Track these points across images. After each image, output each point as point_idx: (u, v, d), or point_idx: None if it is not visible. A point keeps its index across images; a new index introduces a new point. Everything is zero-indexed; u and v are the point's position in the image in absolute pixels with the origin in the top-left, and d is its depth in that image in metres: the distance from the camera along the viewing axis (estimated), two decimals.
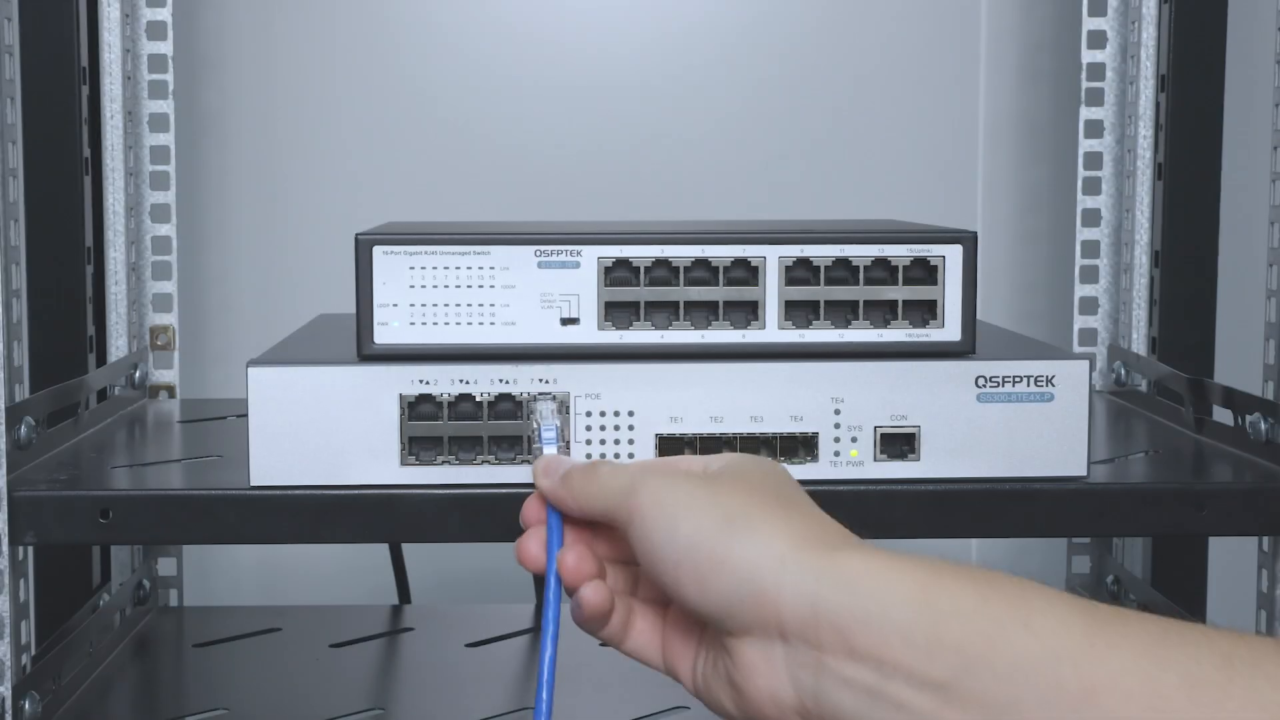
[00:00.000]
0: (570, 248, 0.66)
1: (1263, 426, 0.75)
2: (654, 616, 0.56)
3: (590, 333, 0.66)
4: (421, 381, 0.65)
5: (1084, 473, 0.68)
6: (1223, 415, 0.81)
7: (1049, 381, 0.67)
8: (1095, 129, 1.04)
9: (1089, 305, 1.05)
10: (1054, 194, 1.17)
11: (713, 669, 0.53)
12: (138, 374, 0.97)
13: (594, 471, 0.55)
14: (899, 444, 0.67)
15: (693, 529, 0.50)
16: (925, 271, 0.67)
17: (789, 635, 0.48)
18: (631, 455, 0.66)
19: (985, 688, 0.44)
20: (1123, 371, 1.00)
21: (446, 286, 0.66)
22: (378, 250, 0.66)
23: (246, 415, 0.65)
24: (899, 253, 0.67)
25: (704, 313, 0.67)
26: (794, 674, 0.48)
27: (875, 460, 0.67)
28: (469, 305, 0.66)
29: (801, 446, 0.67)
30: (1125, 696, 0.41)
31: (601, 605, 0.55)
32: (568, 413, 0.66)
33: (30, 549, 0.77)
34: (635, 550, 0.53)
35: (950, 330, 0.67)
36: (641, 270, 0.66)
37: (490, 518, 0.66)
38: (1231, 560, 0.92)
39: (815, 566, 0.48)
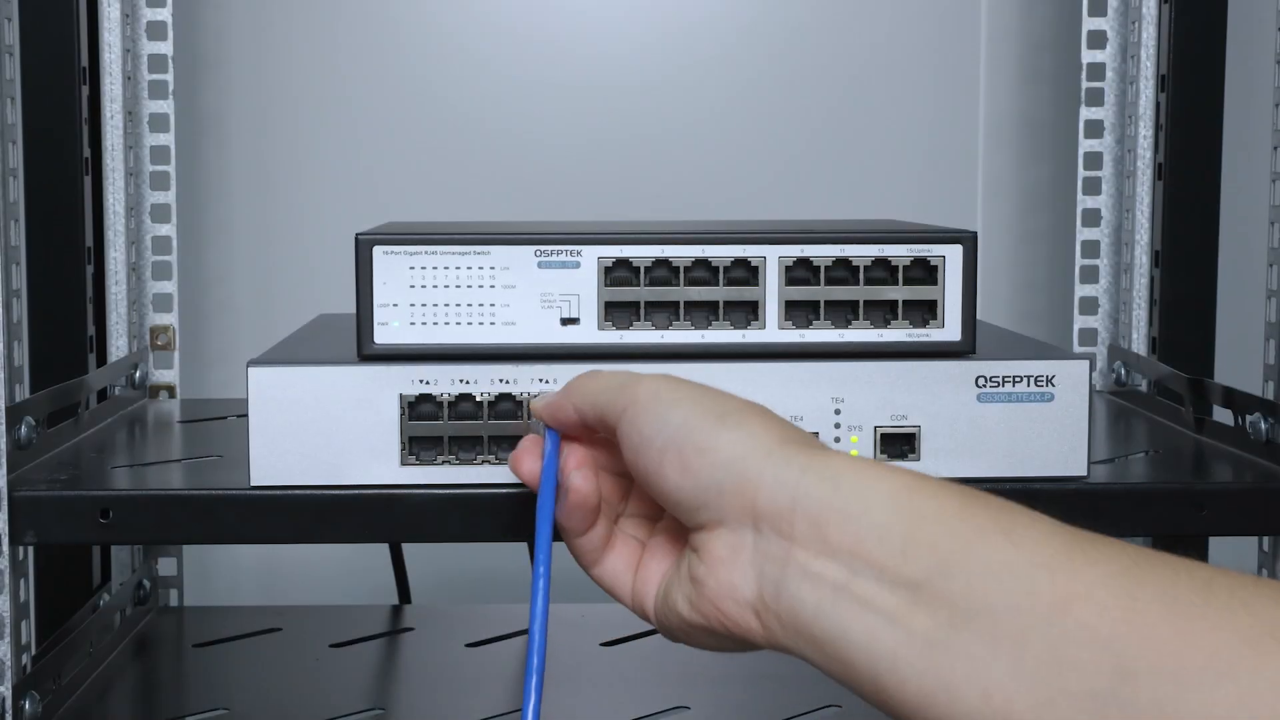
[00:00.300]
0: (570, 248, 0.66)
1: (1263, 426, 0.75)
2: (634, 546, 0.57)
3: (590, 333, 0.66)
4: (421, 381, 0.65)
5: (1084, 473, 0.68)
6: (1223, 415, 0.81)
7: (1049, 381, 0.67)
8: (1095, 129, 1.04)
9: (1089, 305, 1.05)
10: (1054, 194, 1.17)
11: (675, 574, 0.53)
12: (138, 374, 0.97)
13: (595, 371, 0.57)
14: (899, 444, 0.67)
15: (684, 417, 0.51)
16: (925, 271, 0.67)
17: (762, 525, 0.48)
18: None
19: (957, 589, 0.43)
20: (1123, 371, 1.00)
21: (446, 286, 0.66)
22: (378, 250, 0.66)
23: (246, 415, 0.65)
24: (899, 253, 0.67)
25: (704, 313, 0.67)
26: (760, 566, 0.48)
27: (876, 460, 0.67)
28: (469, 305, 0.66)
29: None
30: (1099, 608, 0.41)
31: (589, 495, 0.55)
32: None
33: (30, 549, 0.77)
34: (624, 445, 0.53)
35: (950, 330, 0.67)
36: (641, 270, 0.66)
37: (490, 518, 0.66)
38: (1231, 560, 0.92)
39: (799, 461, 0.48)
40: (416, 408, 0.65)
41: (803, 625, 0.47)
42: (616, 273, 0.66)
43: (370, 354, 0.66)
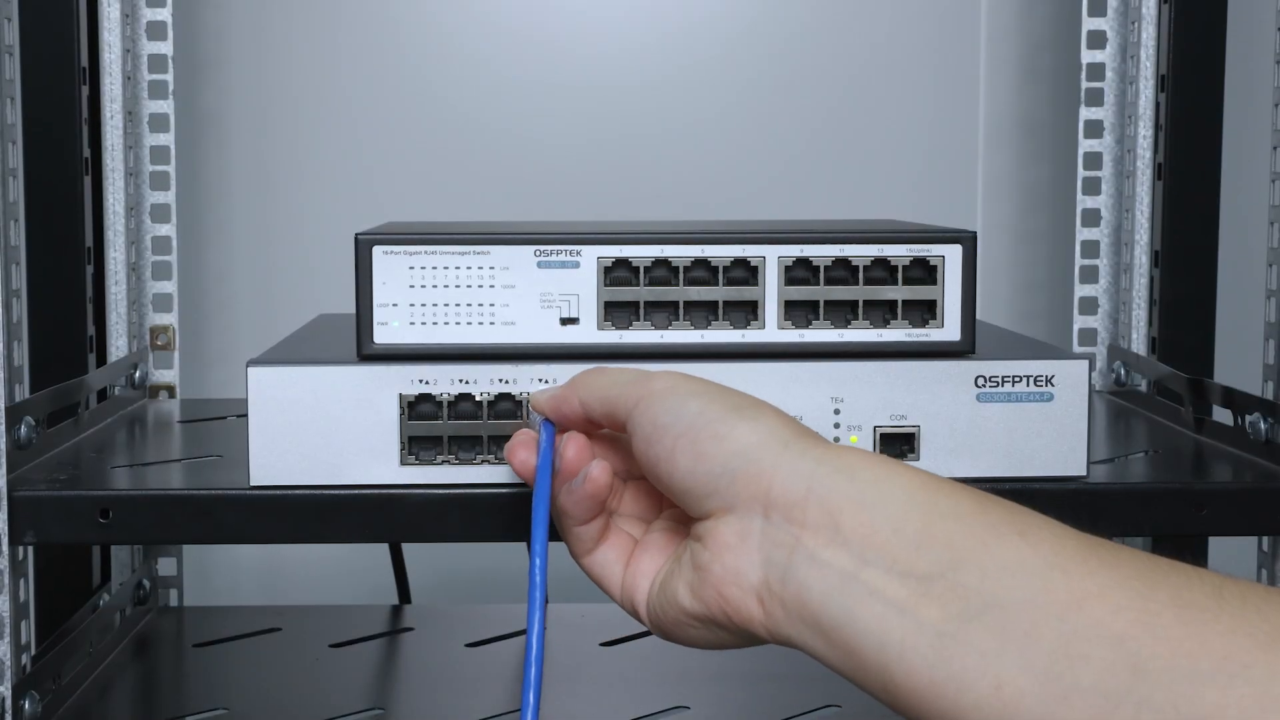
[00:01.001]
0: (570, 248, 0.66)
1: (1262, 426, 0.75)
2: (626, 540, 0.57)
3: (590, 333, 0.66)
4: (421, 381, 0.65)
5: (1084, 473, 0.68)
6: (1223, 415, 0.81)
7: (1049, 381, 0.67)
8: (1095, 129, 1.04)
9: (1089, 305, 1.05)
10: (1054, 194, 1.17)
11: (676, 565, 0.53)
12: (138, 374, 0.97)
13: (602, 368, 0.58)
14: (899, 444, 0.67)
15: (701, 406, 0.52)
16: (925, 271, 0.67)
17: (772, 513, 0.48)
18: None
19: (970, 583, 0.43)
20: (1123, 371, 1.00)
21: (446, 286, 0.66)
22: (378, 250, 0.66)
23: (246, 415, 0.65)
24: (899, 253, 0.67)
25: (704, 313, 0.67)
26: (767, 552, 0.48)
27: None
28: (469, 305, 0.66)
29: None
30: (1114, 608, 0.41)
31: (603, 486, 0.55)
32: None
33: (30, 549, 0.77)
34: (635, 436, 0.53)
35: (950, 330, 0.67)
36: (641, 270, 0.66)
37: (490, 518, 0.66)
38: (1231, 560, 0.92)
39: (816, 454, 0.49)
40: (416, 407, 0.65)
41: (808, 612, 0.47)
42: (616, 273, 0.66)
43: (370, 354, 0.66)
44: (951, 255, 0.67)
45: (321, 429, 0.65)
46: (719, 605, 0.50)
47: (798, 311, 0.67)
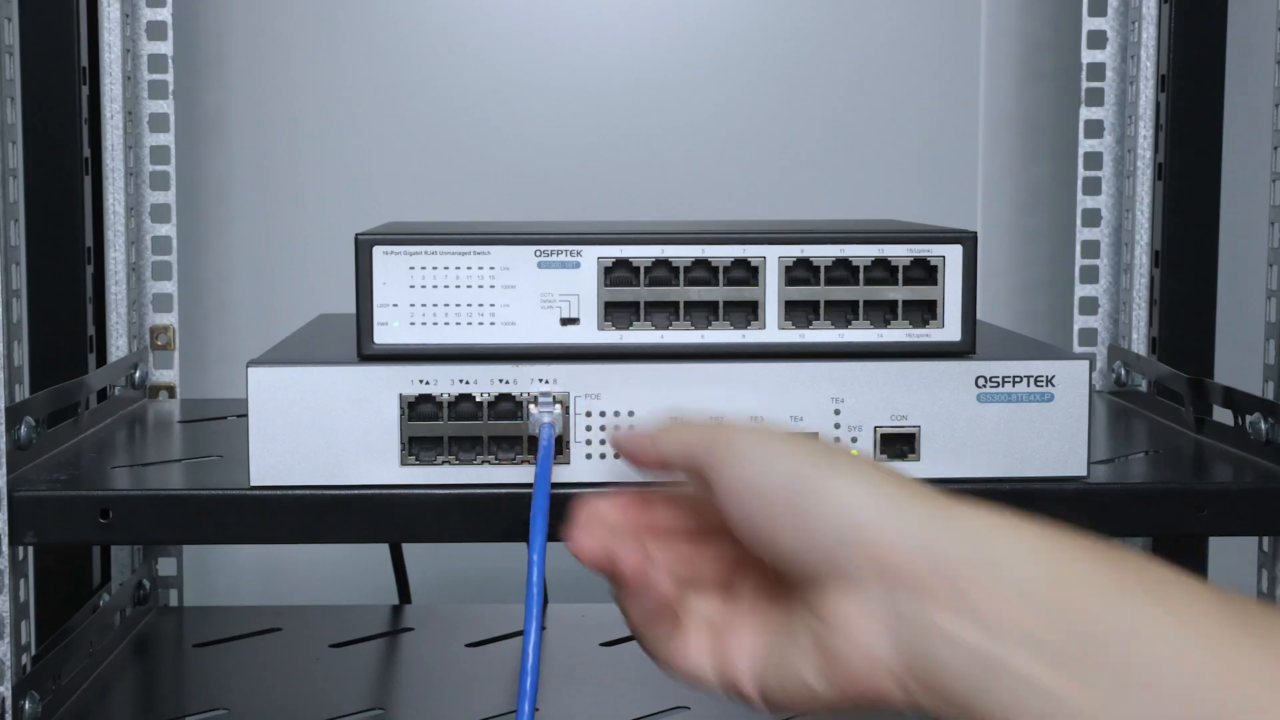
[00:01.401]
0: (570, 248, 0.66)
1: (1263, 426, 0.75)
2: (705, 624, 0.53)
3: (590, 333, 0.66)
4: (421, 381, 0.65)
5: (1084, 473, 0.68)
6: (1223, 415, 0.81)
7: (1049, 381, 0.67)
8: (1095, 129, 1.04)
9: (1089, 305, 1.05)
10: (1054, 194, 1.17)
11: (791, 642, 0.49)
12: (138, 374, 0.97)
13: (682, 420, 0.54)
14: (899, 444, 0.67)
15: (792, 462, 0.48)
16: (925, 271, 0.67)
17: (891, 581, 0.45)
18: None
19: (1110, 661, 0.41)
20: (1123, 371, 1.00)
21: (446, 286, 0.66)
22: (378, 250, 0.66)
23: (246, 415, 0.65)
24: (899, 253, 0.67)
25: (704, 313, 0.67)
26: (893, 627, 0.45)
27: (875, 460, 0.67)
28: (469, 305, 0.66)
29: None
30: (1269, 685, 0.39)
31: (669, 592, 0.51)
32: (568, 413, 0.66)
33: (30, 549, 0.77)
34: (721, 493, 0.49)
35: (950, 330, 0.67)
36: (641, 270, 0.66)
37: (490, 518, 0.66)
38: (1231, 560, 0.92)
39: (928, 511, 0.46)
40: (416, 408, 0.65)
41: (945, 690, 0.44)
42: (616, 273, 0.66)
43: (370, 354, 0.66)
44: (952, 255, 0.67)
45: (321, 429, 0.65)
46: (854, 689, 0.46)
47: (798, 312, 0.67)
